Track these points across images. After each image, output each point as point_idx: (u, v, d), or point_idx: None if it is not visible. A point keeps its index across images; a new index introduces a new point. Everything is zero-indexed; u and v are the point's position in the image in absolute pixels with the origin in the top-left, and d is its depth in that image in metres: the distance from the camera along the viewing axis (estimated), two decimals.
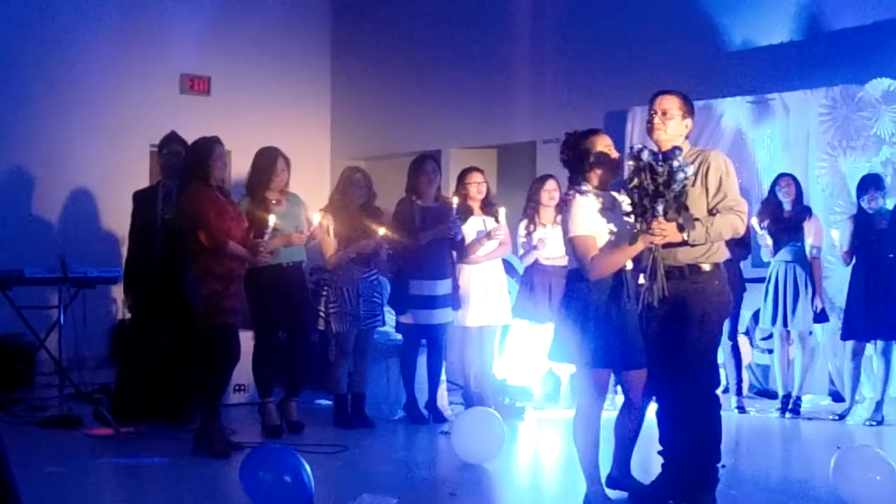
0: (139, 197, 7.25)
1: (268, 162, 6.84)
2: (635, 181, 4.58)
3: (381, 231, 6.94)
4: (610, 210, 4.84)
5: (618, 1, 9.79)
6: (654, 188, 4.52)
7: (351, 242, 7.02)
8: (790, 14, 8.76)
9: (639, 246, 4.66)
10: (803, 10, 8.70)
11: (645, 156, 4.56)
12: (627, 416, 5.08)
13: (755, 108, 8.73)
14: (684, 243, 4.70)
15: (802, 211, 7.59)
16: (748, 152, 8.70)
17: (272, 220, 6.26)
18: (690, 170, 4.59)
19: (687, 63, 9.01)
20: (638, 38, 9.56)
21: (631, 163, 4.64)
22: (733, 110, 8.76)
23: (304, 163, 8.76)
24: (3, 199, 9.63)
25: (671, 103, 4.90)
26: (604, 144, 4.93)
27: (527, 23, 10.47)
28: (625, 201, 4.78)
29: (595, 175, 4.88)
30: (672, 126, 4.88)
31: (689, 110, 4.94)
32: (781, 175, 7.73)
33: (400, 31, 11.54)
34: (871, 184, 7.37)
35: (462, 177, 7.58)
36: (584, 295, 4.82)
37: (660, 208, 4.53)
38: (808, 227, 7.51)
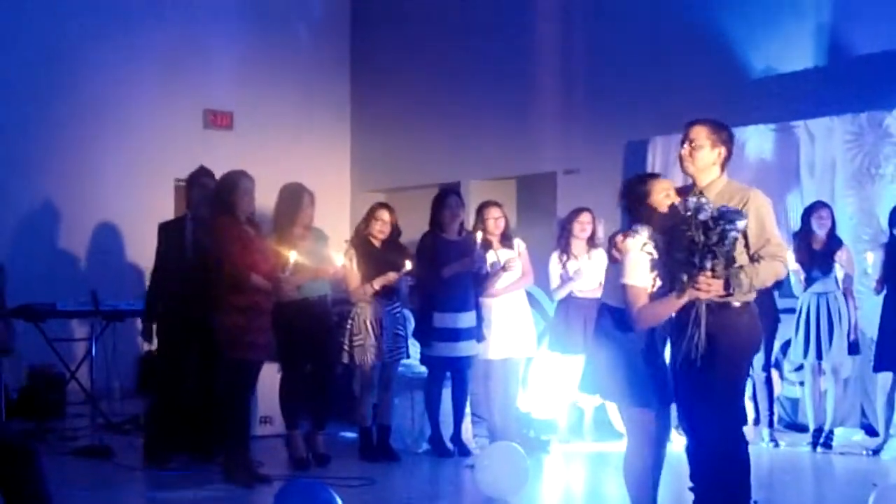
0: (166, 228, 7.25)
1: (293, 198, 6.87)
2: (687, 237, 4.50)
3: (407, 266, 6.94)
4: (660, 255, 4.73)
5: (638, 30, 9.77)
6: (706, 245, 4.43)
7: (374, 276, 7.03)
8: (813, 40, 8.73)
9: (684, 299, 4.58)
10: (827, 36, 8.66)
11: (703, 215, 4.45)
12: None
13: (779, 135, 8.66)
14: (729, 295, 4.62)
15: (834, 241, 7.47)
16: (772, 181, 8.60)
17: (292, 256, 6.25)
18: (742, 224, 4.49)
19: (709, 91, 8.96)
20: (659, 67, 9.53)
21: (687, 214, 4.52)
22: (757, 138, 8.70)
23: (324, 195, 8.77)
24: (35, 233, 9.89)
25: (698, 133, 4.78)
26: (661, 190, 4.83)
27: (546, 53, 10.48)
28: (671, 250, 4.68)
29: (651, 221, 4.81)
30: (701, 157, 4.76)
31: (721, 138, 4.78)
32: (818, 205, 7.60)
33: (419, 63, 11.58)
34: None
35: (480, 211, 7.57)
36: (623, 332, 4.79)
37: (708, 265, 4.46)
38: (840, 258, 7.38)
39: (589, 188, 9.72)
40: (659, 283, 4.64)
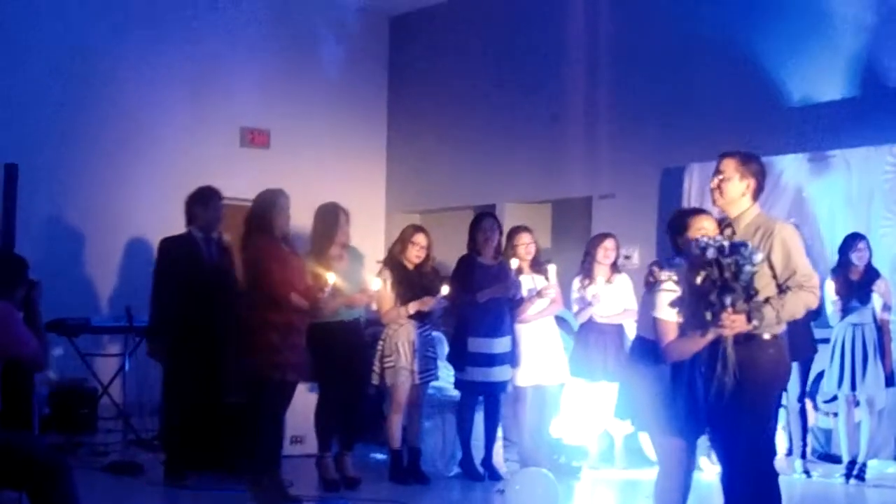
0: (172, 245, 7.08)
1: (331, 218, 6.89)
2: (702, 275, 4.50)
3: (443, 290, 6.94)
4: (685, 292, 4.74)
5: (675, 57, 9.76)
6: (722, 282, 4.44)
7: (408, 298, 7.03)
8: (849, 70, 8.69)
9: (709, 337, 4.59)
10: (863, 66, 8.62)
11: (710, 253, 4.48)
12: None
13: (816, 165, 8.63)
14: (754, 328, 4.61)
15: (871, 272, 7.44)
16: (808, 210, 8.58)
17: (331, 278, 6.27)
18: (759, 258, 4.49)
19: (745, 119, 8.96)
20: (695, 94, 9.53)
21: (697, 253, 4.53)
22: (793, 167, 8.68)
23: (359, 216, 8.80)
24: (71, 249, 9.95)
25: (726, 165, 4.81)
26: (699, 226, 4.84)
27: (583, 77, 10.49)
28: (670, 280, 4.70)
29: (685, 254, 4.81)
30: (730, 189, 4.79)
31: (750, 170, 4.80)
32: (856, 236, 7.57)
33: (456, 85, 11.63)
34: None
35: (511, 237, 7.56)
36: (655, 362, 4.79)
37: (727, 301, 4.45)
38: (878, 288, 7.36)
39: (624, 214, 9.73)
40: (683, 319, 4.67)
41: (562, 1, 10.70)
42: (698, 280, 4.47)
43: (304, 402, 6.98)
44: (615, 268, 7.70)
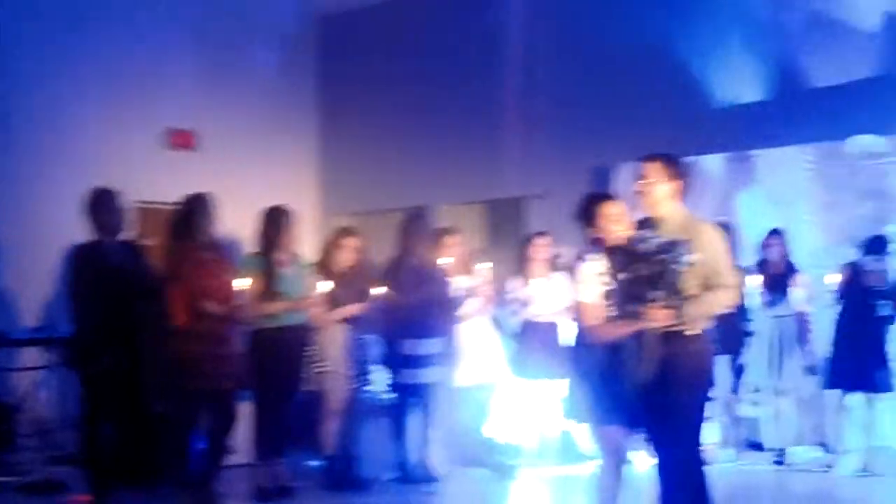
0: (80, 252, 6.71)
1: (276, 222, 6.78)
2: (633, 267, 4.61)
3: (375, 292, 6.93)
4: (611, 281, 4.86)
5: (605, 58, 9.87)
6: (652, 277, 4.56)
7: (340, 303, 6.98)
8: (771, 71, 8.89)
9: (634, 327, 4.70)
10: (783, 67, 8.83)
11: (642, 248, 4.60)
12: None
13: (740, 164, 8.83)
14: (677, 324, 4.73)
15: (790, 267, 7.69)
16: (733, 209, 8.77)
17: (244, 283, 6.11)
18: (689, 258, 4.62)
19: (671, 120, 9.10)
20: (623, 95, 9.64)
21: (632, 248, 4.65)
22: (718, 167, 8.85)
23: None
24: None
25: (651, 168, 4.91)
26: (610, 211, 4.99)
27: (515, 78, 10.55)
28: (621, 279, 4.80)
29: (600, 243, 4.94)
30: (655, 191, 4.90)
31: (674, 172, 4.93)
32: (772, 232, 7.83)
33: (389, 85, 11.58)
34: (874, 245, 7.43)
35: (439, 238, 7.58)
36: (589, 353, 4.90)
37: (654, 295, 4.58)
38: (797, 282, 7.60)
39: (558, 213, 9.73)
40: (610, 309, 4.78)
41: (495, 4, 10.75)
42: (628, 273, 4.59)
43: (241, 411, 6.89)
44: (551, 266, 7.76)
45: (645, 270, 4.57)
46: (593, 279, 4.85)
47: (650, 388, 4.78)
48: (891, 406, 7.51)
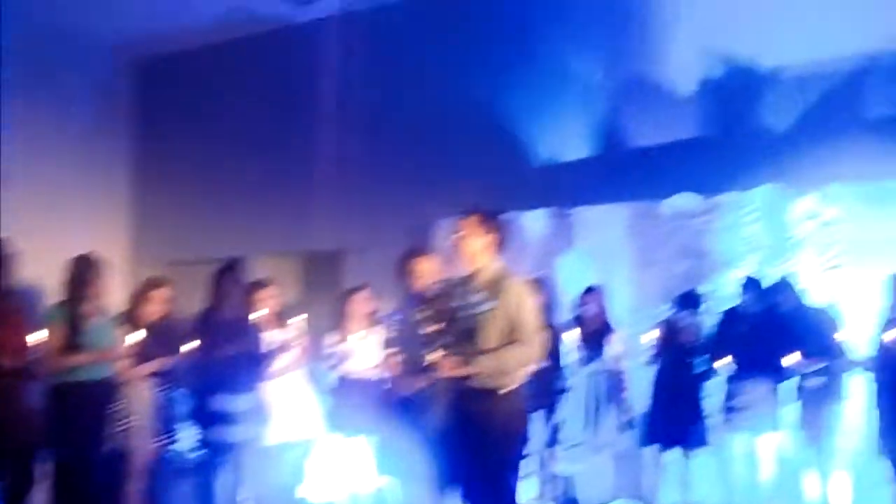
0: None
1: (82, 271, 6.56)
2: (427, 314, 4.60)
3: (184, 347, 6.71)
4: (412, 332, 4.84)
5: (427, 113, 9.93)
6: (446, 324, 4.55)
7: (147, 356, 6.78)
8: (593, 131, 9.10)
9: (427, 377, 4.68)
10: (605, 127, 9.05)
11: (434, 294, 4.62)
12: None
13: (560, 221, 8.96)
14: (469, 375, 4.71)
15: (607, 324, 7.80)
16: (553, 266, 8.88)
17: (41, 335, 5.87)
18: (487, 306, 4.63)
19: (492, 176, 9.18)
20: (446, 150, 9.72)
21: (429, 296, 4.68)
22: (538, 224, 8.97)
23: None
24: None
25: (467, 222, 4.96)
26: (423, 266, 4.99)
27: (335, 129, 10.50)
28: (419, 328, 4.78)
29: (408, 295, 4.93)
30: (471, 245, 4.92)
31: (491, 226, 4.98)
32: (588, 290, 7.93)
33: (206, 131, 11.36)
34: (688, 301, 7.62)
35: (254, 290, 7.42)
36: (408, 409, 4.83)
37: (443, 342, 4.56)
38: (613, 339, 7.71)
39: (377, 268, 9.69)
40: (409, 359, 4.76)
41: (314, 55, 10.70)
42: (419, 319, 4.59)
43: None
44: (369, 321, 7.66)
45: (439, 316, 4.56)
46: (394, 330, 4.83)
47: (464, 445, 4.73)
48: (707, 462, 7.65)
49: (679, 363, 7.57)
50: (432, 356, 4.60)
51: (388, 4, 10.30)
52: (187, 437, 7.30)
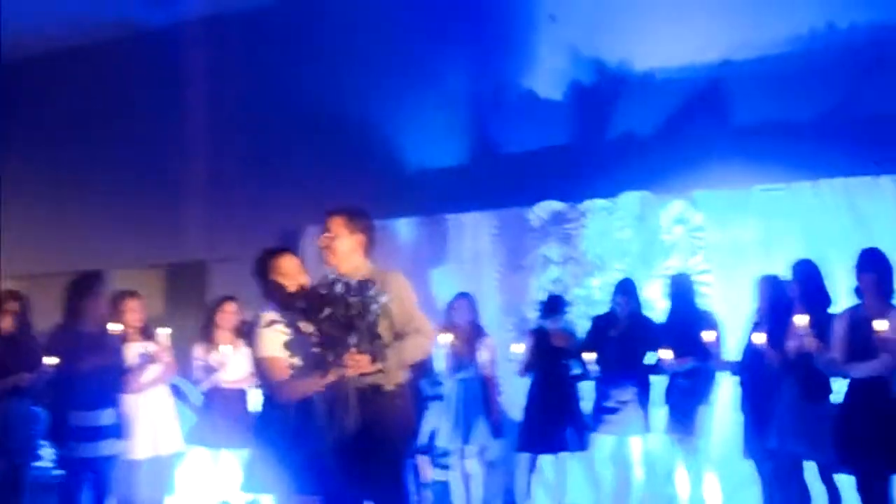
0: None
1: None
2: (326, 311, 4.44)
3: (41, 362, 6.43)
4: (296, 333, 4.67)
5: (295, 120, 9.85)
6: (347, 320, 4.41)
7: (2, 372, 6.50)
8: (463, 137, 9.12)
9: (330, 377, 4.51)
10: (476, 133, 9.08)
11: (338, 287, 4.46)
12: None
13: (430, 228, 8.94)
14: (377, 371, 4.59)
15: (477, 329, 7.79)
16: (423, 272, 8.85)
17: None
18: (384, 299, 4.53)
19: (362, 183, 9.14)
20: (314, 158, 9.64)
21: (322, 292, 4.51)
22: (408, 230, 8.93)
23: None
24: None
25: (334, 223, 4.88)
26: (287, 265, 4.84)
27: (199, 137, 10.29)
28: (309, 328, 4.62)
29: (279, 295, 4.73)
30: (340, 246, 4.84)
31: (359, 226, 4.90)
32: (458, 296, 7.92)
33: (66, 140, 11.04)
34: (556, 306, 7.65)
35: (116, 303, 7.16)
36: (282, 419, 4.61)
37: (352, 340, 4.42)
38: (483, 345, 7.69)
39: (242, 277, 9.48)
40: (299, 361, 4.59)
41: (180, 62, 10.48)
42: (321, 317, 4.41)
43: None
44: (238, 332, 7.49)
45: (340, 312, 4.41)
46: (271, 332, 4.65)
47: (355, 449, 4.59)
48: (577, 466, 7.70)
49: (551, 368, 7.60)
50: (338, 356, 4.43)
51: (257, 8, 10.14)
52: (47, 455, 7.03)
